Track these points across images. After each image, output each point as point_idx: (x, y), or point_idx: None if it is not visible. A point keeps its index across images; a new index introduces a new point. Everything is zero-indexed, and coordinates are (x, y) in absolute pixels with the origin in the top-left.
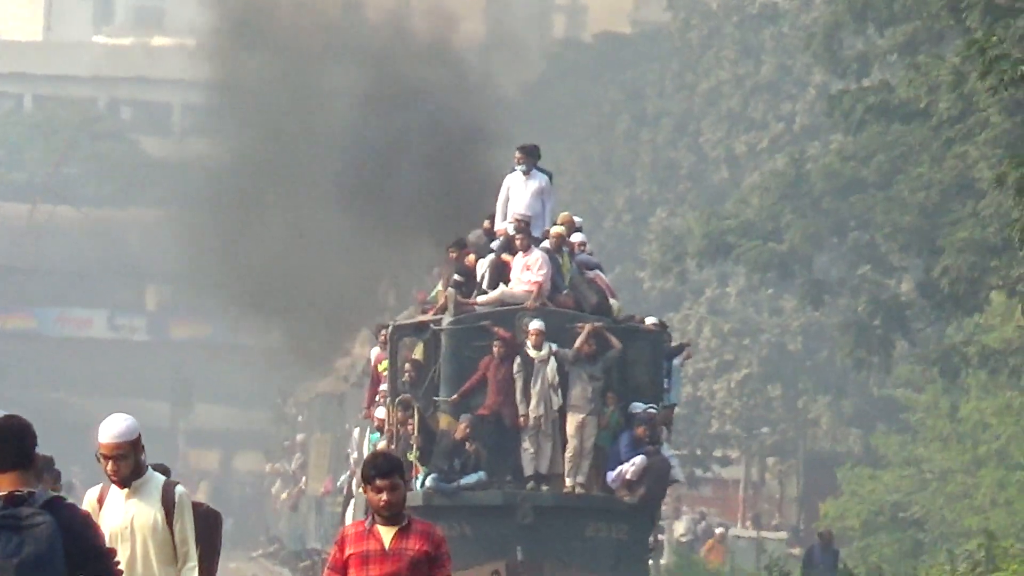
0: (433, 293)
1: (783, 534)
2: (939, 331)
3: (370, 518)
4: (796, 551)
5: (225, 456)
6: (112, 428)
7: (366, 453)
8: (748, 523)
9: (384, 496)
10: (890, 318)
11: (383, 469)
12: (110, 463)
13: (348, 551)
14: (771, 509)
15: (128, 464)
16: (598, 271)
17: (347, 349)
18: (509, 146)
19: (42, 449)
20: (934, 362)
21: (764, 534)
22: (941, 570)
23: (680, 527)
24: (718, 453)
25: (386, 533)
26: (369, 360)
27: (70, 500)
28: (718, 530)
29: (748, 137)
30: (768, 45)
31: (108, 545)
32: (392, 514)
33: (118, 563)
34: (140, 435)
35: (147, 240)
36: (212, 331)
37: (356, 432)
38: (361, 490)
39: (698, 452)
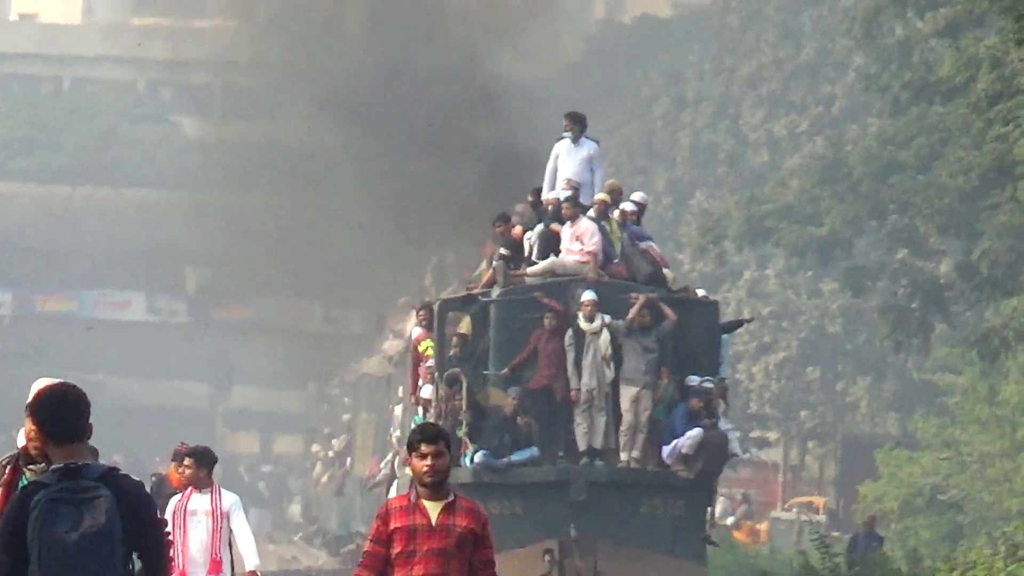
0: (477, 271)
1: (822, 517)
2: (978, 314)
3: (414, 491)
4: (836, 534)
5: (264, 439)
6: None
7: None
8: (791, 508)
9: (429, 461)
10: (929, 301)
11: (429, 434)
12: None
13: (393, 525)
14: (810, 491)
15: None
16: (650, 242)
17: (398, 331)
18: (549, 130)
19: None
20: (973, 345)
21: (803, 517)
22: (980, 553)
23: (717, 508)
24: (756, 435)
25: (432, 508)
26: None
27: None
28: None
29: (788, 120)
30: (808, 28)
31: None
32: (436, 482)
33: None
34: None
35: (187, 222)
36: (252, 314)
37: (398, 411)
38: (406, 467)
39: (737, 434)
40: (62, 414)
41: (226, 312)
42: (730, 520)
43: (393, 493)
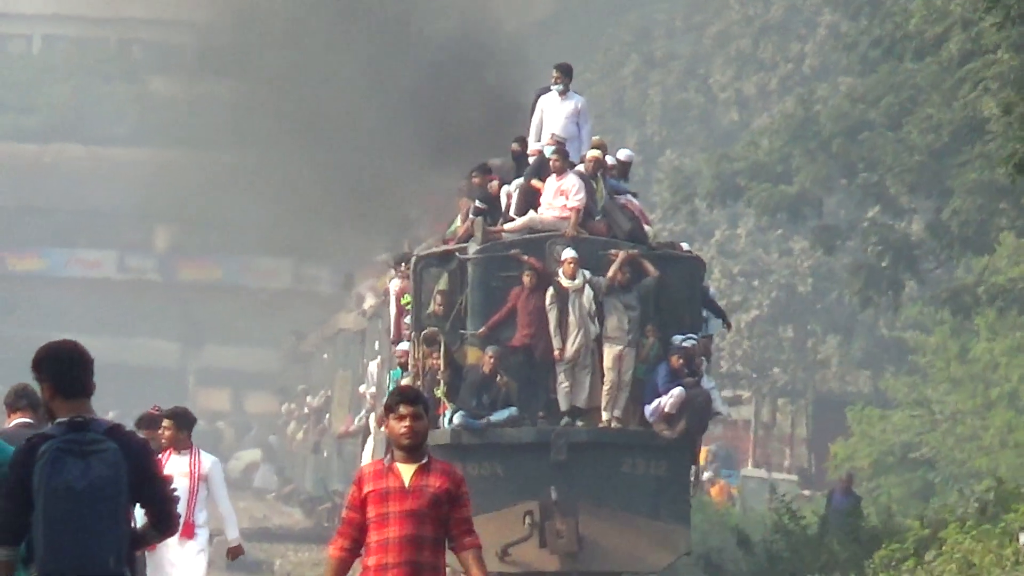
0: (452, 226)
1: (793, 476)
2: (949, 272)
3: (389, 455)
4: (807, 492)
5: (236, 396)
6: None
7: (387, 390)
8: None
9: (407, 423)
10: (899, 259)
11: (408, 396)
12: None
13: (366, 488)
14: (781, 449)
15: None
16: (630, 196)
17: (374, 287)
18: (524, 84)
19: None
20: (944, 303)
21: (775, 475)
22: (950, 512)
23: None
24: (728, 393)
25: (406, 470)
26: (387, 293)
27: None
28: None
29: (758, 78)
30: None
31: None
32: (413, 444)
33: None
34: None
35: (157, 181)
36: (222, 272)
37: (372, 367)
38: (382, 427)
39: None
40: (72, 370)
41: (196, 270)
42: (705, 476)
43: (368, 449)
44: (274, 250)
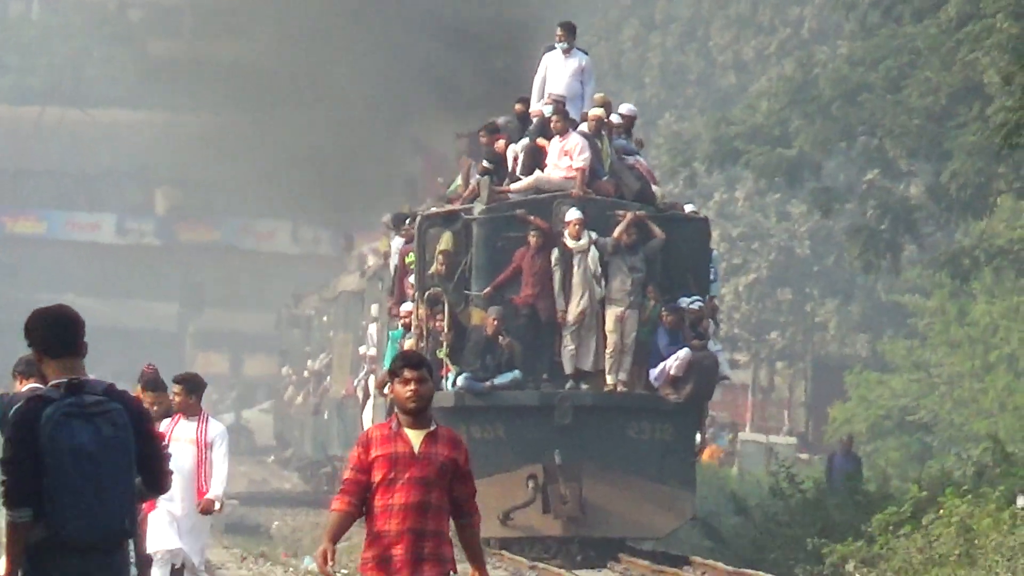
0: (453, 185)
1: (792, 439)
2: (947, 235)
3: (395, 420)
4: (804, 456)
5: (235, 359)
6: None
7: (386, 352)
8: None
9: (412, 387)
10: (898, 221)
11: (412, 360)
12: None
13: (374, 452)
14: (779, 413)
15: None
16: (638, 156)
17: (375, 249)
18: (526, 49)
19: None
20: (942, 266)
21: (773, 439)
22: (948, 476)
23: None
24: (726, 356)
25: (415, 436)
26: (386, 254)
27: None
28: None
29: (756, 42)
30: None
31: None
32: (419, 408)
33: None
34: None
35: (156, 143)
36: (221, 235)
37: (372, 329)
38: (384, 391)
39: (727, 356)
40: (57, 330)
41: (195, 233)
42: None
43: (367, 411)
44: (273, 212)
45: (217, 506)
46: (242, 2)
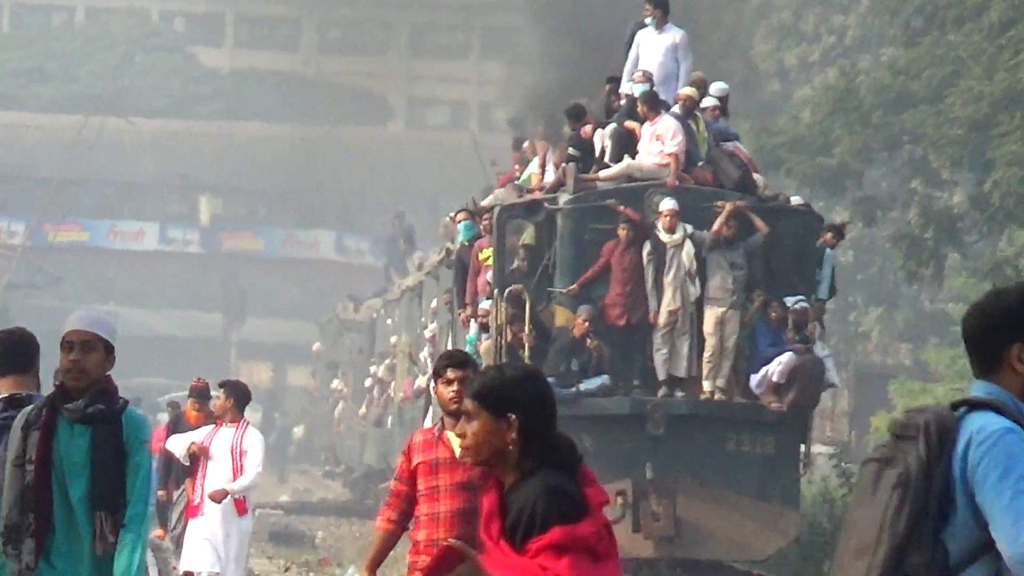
0: (526, 174)
1: (831, 448)
2: (991, 244)
3: (439, 424)
4: (847, 465)
5: (278, 369)
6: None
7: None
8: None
9: (455, 387)
10: (941, 231)
11: (456, 359)
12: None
13: (416, 460)
14: (822, 423)
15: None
16: (738, 142)
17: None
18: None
19: None
20: (986, 275)
21: (815, 448)
22: None
23: None
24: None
25: (456, 440)
26: (448, 250)
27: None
28: None
29: (799, 50)
30: None
31: None
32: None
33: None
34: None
35: (200, 152)
36: (265, 244)
37: (431, 328)
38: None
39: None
40: (4, 349)
41: (238, 242)
42: None
43: (429, 418)
44: (316, 221)
45: (228, 497)
46: (285, 11)
